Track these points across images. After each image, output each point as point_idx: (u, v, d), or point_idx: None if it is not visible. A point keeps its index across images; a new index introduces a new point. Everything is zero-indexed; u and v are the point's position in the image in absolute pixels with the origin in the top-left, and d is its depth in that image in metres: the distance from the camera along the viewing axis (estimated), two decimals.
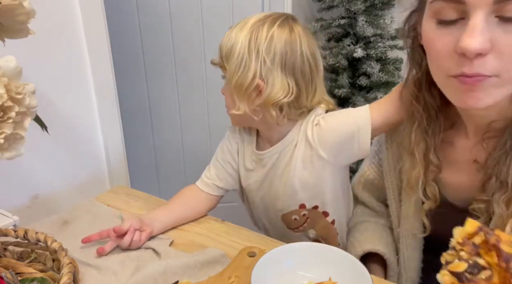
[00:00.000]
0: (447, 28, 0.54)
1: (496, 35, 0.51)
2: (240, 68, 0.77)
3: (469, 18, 0.51)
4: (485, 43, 0.50)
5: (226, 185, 0.94)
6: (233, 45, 0.78)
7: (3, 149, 0.53)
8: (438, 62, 0.58)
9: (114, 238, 0.79)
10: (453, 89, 0.58)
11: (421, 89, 0.67)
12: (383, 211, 0.88)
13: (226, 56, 0.79)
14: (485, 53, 0.51)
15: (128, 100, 1.95)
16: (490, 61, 0.52)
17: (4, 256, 0.72)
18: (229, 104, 0.84)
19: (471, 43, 0.50)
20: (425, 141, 0.69)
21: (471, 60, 0.51)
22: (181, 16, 1.77)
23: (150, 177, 2.04)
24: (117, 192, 1.04)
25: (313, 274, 0.66)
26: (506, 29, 0.51)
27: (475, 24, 0.50)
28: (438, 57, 0.57)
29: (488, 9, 0.50)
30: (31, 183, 1.19)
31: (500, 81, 0.53)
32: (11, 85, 0.52)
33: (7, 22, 0.55)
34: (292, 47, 0.77)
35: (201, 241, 0.84)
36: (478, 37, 0.50)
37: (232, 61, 0.78)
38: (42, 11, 0.59)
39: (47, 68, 1.16)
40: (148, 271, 0.71)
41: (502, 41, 0.51)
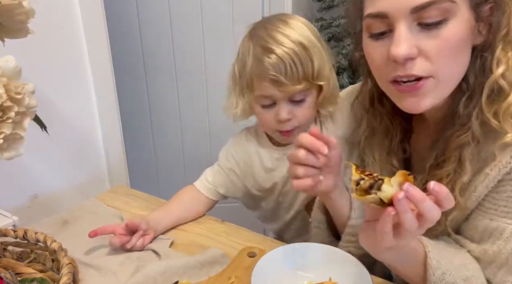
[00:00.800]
0: (379, 40, 0.61)
1: (421, 40, 0.57)
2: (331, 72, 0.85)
3: (395, 29, 0.58)
4: (411, 49, 0.56)
5: (227, 192, 0.95)
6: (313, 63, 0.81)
7: (2, 149, 0.53)
8: (377, 71, 0.65)
9: (119, 235, 0.79)
10: (394, 94, 0.64)
11: (374, 99, 0.74)
12: None
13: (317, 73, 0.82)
14: (414, 56, 0.57)
15: (128, 100, 1.95)
16: (420, 63, 0.58)
17: (4, 256, 0.72)
18: (306, 120, 0.86)
19: (398, 50, 0.56)
20: (384, 147, 0.74)
21: (403, 65, 0.58)
22: (181, 16, 1.77)
23: (150, 177, 2.04)
24: (117, 192, 1.04)
25: (313, 274, 0.66)
26: (428, 34, 0.57)
27: (399, 34, 0.57)
28: (377, 66, 0.64)
29: (408, 19, 0.56)
30: (31, 183, 1.19)
31: (436, 82, 0.59)
32: (11, 85, 0.51)
33: (7, 21, 0.55)
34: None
35: (201, 241, 0.84)
36: (404, 45, 0.56)
37: (324, 74, 0.82)
38: (41, 11, 0.59)
39: (47, 68, 1.15)
40: (148, 271, 0.71)
41: (426, 45, 0.57)
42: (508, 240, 0.59)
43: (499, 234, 0.61)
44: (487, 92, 0.59)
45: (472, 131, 0.61)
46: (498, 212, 0.61)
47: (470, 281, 0.61)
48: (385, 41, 0.60)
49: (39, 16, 0.57)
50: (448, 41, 0.56)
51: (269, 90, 0.80)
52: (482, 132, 0.60)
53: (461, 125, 0.62)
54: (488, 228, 0.62)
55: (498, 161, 0.59)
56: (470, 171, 0.62)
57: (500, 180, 0.60)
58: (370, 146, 0.75)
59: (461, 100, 0.62)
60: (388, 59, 0.59)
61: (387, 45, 0.59)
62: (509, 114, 0.58)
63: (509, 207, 0.60)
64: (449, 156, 0.63)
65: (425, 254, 0.60)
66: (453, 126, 0.63)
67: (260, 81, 0.81)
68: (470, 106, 0.61)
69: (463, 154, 0.62)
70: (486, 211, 0.63)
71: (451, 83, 0.61)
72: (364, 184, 0.52)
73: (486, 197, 0.62)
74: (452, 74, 0.60)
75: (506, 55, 0.58)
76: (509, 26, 0.58)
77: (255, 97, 0.84)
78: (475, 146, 0.61)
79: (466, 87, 0.62)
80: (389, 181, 0.51)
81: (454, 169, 0.62)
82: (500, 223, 0.61)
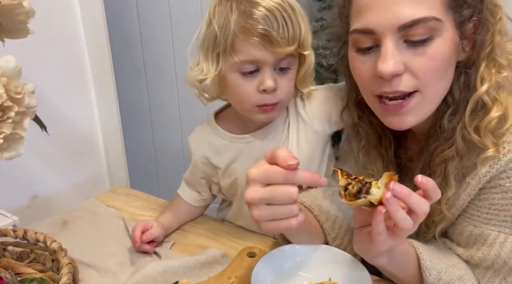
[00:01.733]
0: (366, 55, 0.61)
1: (407, 57, 0.58)
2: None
3: (381, 45, 0.58)
4: (397, 65, 0.57)
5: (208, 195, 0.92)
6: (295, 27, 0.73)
7: (2, 149, 0.53)
8: (363, 85, 0.65)
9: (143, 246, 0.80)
10: (379, 110, 0.64)
11: (363, 109, 0.73)
12: None
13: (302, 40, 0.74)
14: (400, 73, 0.58)
15: (128, 100, 1.95)
16: (406, 79, 0.58)
17: (4, 256, 0.72)
18: (290, 94, 0.78)
19: (385, 67, 0.57)
20: (381, 157, 0.74)
21: (390, 81, 0.58)
22: (181, 16, 1.77)
23: (150, 177, 2.04)
24: (117, 192, 1.04)
25: (313, 274, 0.66)
26: (414, 51, 0.57)
27: (386, 50, 0.57)
28: (363, 81, 0.64)
29: (395, 36, 0.57)
30: (31, 183, 1.19)
31: (421, 98, 0.60)
32: (11, 85, 0.51)
33: (7, 22, 0.55)
34: None
35: (201, 241, 0.84)
36: (391, 61, 0.57)
37: (308, 44, 0.75)
38: (41, 11, 0.59)
39: (47, 68, 1.16)
40: (148, 271, 0.71)
41: (412, 62, 0.58)
42: (492, 246, 0.61)
43: (483, 240, 0.62)
44: (471, 107, 0.61)
45: (456, 146, 0.62)
46: (481, 219, 0.63)
47: (464, 280, 0.62)
48: (372, 56, 0.60)
49: (39, 16, 0.56)
50: (434, 58, 0.57)
51: (256, 51, 0.70)
52: (465, 146, 0.61)
53: (445, 139, 0.63)
54: (473, 234, 0.64)
55: (478, 170, 0.61)
56: (454, 186, 0.63)
57: (482, 188, 0.62)
58: (369, 160, 0.75)
59: (445, 114, 0.63)
60: (374, 74, 0.60)
61: (374, 60, 0.59)
62: (489, 130, 0.59)
63: (491, 214, 0.62)
64: (434, 170, 0.64)
65: (417, 256, 0.61)
66: (437, 139, 0.64)
67: (246, 40, 0.70)
68: (454, 121, 0.62)
69: (448, 168, 0.63)
70: (470, 217, 0.64)
71: (436, 99, 0.62)
72: (352, 189, 0.52)
73: (470, 204, 0.64)
74: (438, 90, 0.61)
75: (490, 72, 0.60)
76: (493, 44, 0.60)
77: (236, 63, 0.72)
78: (459, 160, 0.62)
79: (451, 101, 0.63)
80: (376, 184, 0.51)
81: (440, 183, 0.63)
82: (483, 229, 0.62)
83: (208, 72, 0.76)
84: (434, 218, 0.66)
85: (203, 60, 0.77)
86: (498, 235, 0.61)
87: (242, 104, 0.77)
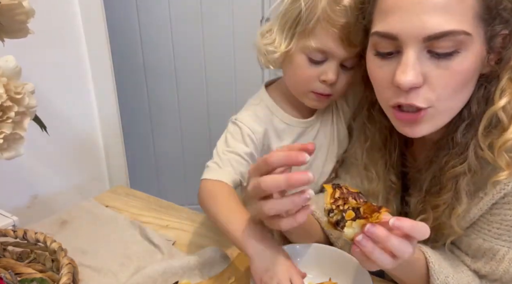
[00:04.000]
0: (385, 60, 0.58)
1: (428, 69, 0.54)
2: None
3: (403, 53, 0.55)
4: (417, 78, 0.54)
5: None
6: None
7: (2, 149, 0.53)
8: (379, 90, 0.62)
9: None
10: (393, 118, 0.62)
11: (375, 110, 0.71)
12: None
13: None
14: (418, 85, 0.54)
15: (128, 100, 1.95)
16: (423, 93, 0.55)
17: (4, 256, 0.72)
18: (344, 90, 0.77)
19: (404, 78, 0.53)
20: (384, 159, 0.72)
21: (407, 92, 0.55)
22: (180, 16, 1.77)
23: (150, 177, 2.04)
24: (117, 192, 1.04)
25: (313, 274, 0.66)
26: (437, 64, 0.54)
27: (408, 60, 0.54)
28: (379, 85, 0.61)
29: (419, 46, 0.53)
30: (31, 183, 1.19)
31: (436, 111, 0.57)
32: (11, 85, 0.51)
33: (7, 21, 0.54)
34: None
35: (201, 241, 0.83)
36: (411, 72, 0.53)
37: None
38: (41, 11, 0.59)
39: (47, 68, 1.15)
40: (148, 272, 0.71)
41: (433, 74, 0.54)
42: (501, 262, 0.60)
43: (492, 254, 0.61)
44: (485, 122, 0.58)
45: (469, 162, 0.59)
46: (492, 233, 0.61)
47: None
48: (391, 62, 0.57)
49: (39, 16, 0.56)
50: (457, 73, 0.54)
51: (332, 43, 0.69)
52: (478, 163, 0.59)
53: (457, 154, 0.60)
54: (482, 248, 0.62)
55: (484, 192, 0.59)
56: (465, 202, 0.60)
57: (494, 203, 0.60)
58: (371, 161, 0.73)
59: (459, 127, 0.60)
60: (391, 82, 0.56)
61: (393, 67, 0.56)
62: (505, 149, 0.56)
63: (502, 230, 0.60)
64: (445, 185, 0.62)
65: (425, 259, 0.60)
66: (449, 152, 0.62)
67: (326, 29, 0.68)
68: (468, 136, 0.60)
69: (459, 184, 0.60)
70: (479, 230, 0.63)
71: (451, 113, 0.59)
72: (331, 218, 0.50)
73: (480, 218, 0.62)
74: (453, 105, 0.58)
75: (511, 86, 0.56)
76: None
77: (309, 48, 0.70)
78: (471, 177, 0.60)
79: (467, 114, 0.60)
80: (350, 224, 0.49)
81: (451, 198, 0.61)
82: (493, 244, 0.61)
83: (279, 46, 0.73)
84: (444, 232, 0.65)
85: (277, 32, 0.74)
86: (508, 251, 0.60)
87: (298, 85, 0.77)
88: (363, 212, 0.50)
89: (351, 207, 0.50)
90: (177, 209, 0.97)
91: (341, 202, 0.51)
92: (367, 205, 0.50)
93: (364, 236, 0.48)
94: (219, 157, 0.78)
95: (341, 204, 0.51)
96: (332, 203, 0.51)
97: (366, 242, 0.48)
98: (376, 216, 0.48)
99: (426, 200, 0.65)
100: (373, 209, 0.49)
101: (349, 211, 0.50)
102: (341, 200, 0.51)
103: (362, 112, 0.74)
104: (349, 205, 0.51)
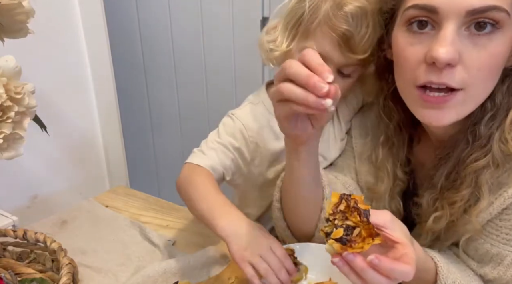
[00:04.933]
0: (417, 36, 0.55)
1: (465, 48, 0.52)
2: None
3: (441, 28, 0.52)
4: (455, 54, 0.51)
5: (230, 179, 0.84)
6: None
7: (2, 149, 0.53)
8: (406, 71, 0.58)
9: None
10: (416, 102, 0.58)
11: (388, 103, 0.69)
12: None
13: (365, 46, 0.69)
14: (454, 63, 0.52)
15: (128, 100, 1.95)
16: (458, 73, 0.53)
17: (4, 256, 0.72)
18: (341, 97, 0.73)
19: (442, 53, 0.51)
20: (392, 156, 0.70)
21: (440, 70, 0.53)
22: (180, 17, 1.77)
23: (150, 177, 2.04)
24: (116, 192, 1.04)
25: (313, 274, 0.66)
26: (475, 43, 0.52)
27: (447, 35, 0.51)
28: (407, 65, 0.57)
29: (459, 21, 0.51)
30: (30, 183, 1.19)
31: (465, 96, 0.55)
32: (10, 85, 0.51)
33: (7, 21, 0.54)
34: None
35: (201, 241, 0.83)
36: (449, 47, 0.51)
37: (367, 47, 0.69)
38: (41, 11, 0.59)
39: (46, 68, 1.15)
40: (148, 272, 0.71)
41: (470, 54, 0.52)
42: (509, 267, 0.59)
43: (500, 260, 0.60)
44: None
45: (493, 154, 0.57)
46: (500, 239, 0.61)
47: None
48: (424, 39, 0.54)
49: (39, 16, 0.56)
50: (493, 55, 0.53)
51: (330, 47, 0.68)
52: (502, 156, 0.57)
53: (480, 146, 0.58)
54: (489, 253, 0.62)
55: (503, 190, 0.58)
56: (488, 197, 0.59)
57: (505, 208, 0.59)
58: (386, 157, 0.70)
59: (483, 119, 0.58)
60: (423, 60, 0.54)
61: (426, 44, 0.54)
62: None
63: (511, 235, 0.59)
64: (464, 180, 0.60)
65: (434, 263, 0.59)
66: (468, 145, 0.60)
67: (326, 33, 0.67)
68: (492, 127, 0.58)
69: (481, 178, 0.58)
70: (487, 235, 0.62)
71: (478, 100, 0.57)
72: (324, 228, 0.50)
73: (489, 222, 0.61)
74: (483, 91, 0.56)
75: None
76: None
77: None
78: (495, 169, 0.58)
79: (490, 106, 0.58)
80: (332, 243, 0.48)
81: (471, 193, 0.60)
82: (501, 250, 0.60)
83: (280, 44, 0.73)
84: (458, 229, 0.63)
85: (281, 30, 0.74)
86: None
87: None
88: (357, 234, 0.48)
89: (346, 225, 0.48)
90: (177, 209, 0.97)
91: (340, 215, 0.49)
92: (368, 226, 0.48)
93: (341, 259, 0.47)
94: (206, 145, 0.80)
95: (338, 217, 0.49)
96: (330, 214, 0.49)
97: (342, 265, 0.47)
98: (360, 245, 0.47)
99: (443, 196, 0.63)
100: (371, 233, 0.47)
101: (339, 228, 0.48)
102: (341, 214, 0.49)
103: (377, 105, 0.72)
104: (348, 221, 0.49)
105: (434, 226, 0.64)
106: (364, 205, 0.49)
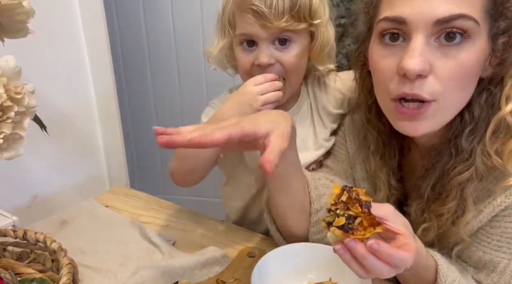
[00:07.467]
0: (390, 49, 0.56)
1: (435, 58, 0.53)
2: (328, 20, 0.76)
3: (411, 39, 0.53)
4: (425, 64, 0.52)
5: None
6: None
7: (2, 149, 0.53)
8: (381, 84, 0.59)
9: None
10: (393, 114, 0.59)
11: (372, 114, 0.70)
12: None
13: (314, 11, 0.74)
14: (425, 74, 0.53)
15: (129, 100, 1.95)
16: (429, 83, 0.53)
17: (3, 256, 0.72)
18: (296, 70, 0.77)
19: (412, 64, 0.52)
20: (386, 166, 0.71)
21: (412, 81, 0.53)
22: (181, 17, 1.78)
23: (150, 177, 2.04)
24: (116, 192, 1.04)
25: (313, 274, 0.66)
26: (445, 53, 0.53)
27: (416, 46, 0.52)
28: (382, 78, 0.58)
29: (428, 32, 0.52)
30: (30, 183, 1.19)
31: (438, 107, 0.55)
32: (10, 85, 0.51)
33: (7, 21, 0.54)
34: None
35: (201, 241, 0.83)
36: (418, 58, 0.52)
37: (319, 14, 0.74)
38: (41, 11, 0.59)
39: (46, 68, 1.15)
40: (148, 272, 0.71)
41: (440, 64, 0.53)
42: (502, 274, 0.60)
43: (493, 267, 0.61)
44: (492, 127, 0.57)
45: (476, 167, 0.58)
46: (491, 246, 0.61)
47: None
48: (396, 51, 0.56)
49: (39, 16, 0.56)
50: (463, 65, 0.53)
51: (249, 26, 0.73)
52: (486, 169, 0.58)
53: (463, 160, 0.59)
54: (482, 260, 0.62)
55: (492, 198, 0.59)
56: (472, 209, 0.59)
57: (495, 215, 0.60)
58: (380, 167, 0.71)
59: (463, 132, 0.59)
60: (396, 72, 0.55)
61: (398, 56, 0.55)
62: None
63: (502, 242, 0.60)
64: (449, 193, 0.61)
65: (435, 261, 0.60)
66: (452, 158, 0.61)
67: (241, 16, 0.73)
68: (473, 141, 0.58)
69: (465, 191, 0.59)
70: (479, 242, 0.62)
71: (452, 110, 0.58)
72: (326, 218, 0.50)
73: (480, 229, 0.62)
74: (456, 101, 0.57)
75: None
76: None
77: (237, 36, 0.76)
78: (478, 182, 0.59)
79: (470, 119, 0.59)
80: (334, 230, 0.49)
81: (457, 206, 0.60)
82: (493, 256, 0.61)
83: (216, 44, 0.80)
84: (449, 240, 0.64)
85: (215, 35, 0.81)
86: (508, 263, 0.60)
87: (244, 76, 0.79)
88: (359, 223, 0.49)
89: (348, 215, 0.49)
90: (177, 209, 0.97)
91: (342, 206, 0.50)
92: (369, 216, 0.49)
93: (342, 246, 0.48)
94: None
95: (340, 207, 0.50)
96: (332, 205, 0.50)
97: (344, 253, 0.48)
98: (362, 233, 0.48)
99: (430, 209, 0.64)
100: (372, 223, 0.48)
101: (341, 217, 0.49)
102: (343, 204, 0.50)
103: (360, 113, 0.73)
104: (350, 211, 0.49)
105: (423, 237, 0.64)
106: (365, 197, 0.50)
